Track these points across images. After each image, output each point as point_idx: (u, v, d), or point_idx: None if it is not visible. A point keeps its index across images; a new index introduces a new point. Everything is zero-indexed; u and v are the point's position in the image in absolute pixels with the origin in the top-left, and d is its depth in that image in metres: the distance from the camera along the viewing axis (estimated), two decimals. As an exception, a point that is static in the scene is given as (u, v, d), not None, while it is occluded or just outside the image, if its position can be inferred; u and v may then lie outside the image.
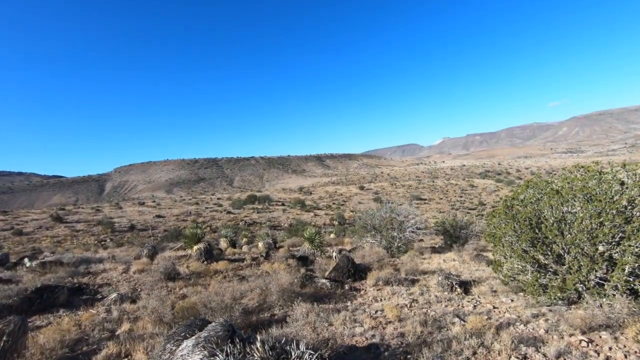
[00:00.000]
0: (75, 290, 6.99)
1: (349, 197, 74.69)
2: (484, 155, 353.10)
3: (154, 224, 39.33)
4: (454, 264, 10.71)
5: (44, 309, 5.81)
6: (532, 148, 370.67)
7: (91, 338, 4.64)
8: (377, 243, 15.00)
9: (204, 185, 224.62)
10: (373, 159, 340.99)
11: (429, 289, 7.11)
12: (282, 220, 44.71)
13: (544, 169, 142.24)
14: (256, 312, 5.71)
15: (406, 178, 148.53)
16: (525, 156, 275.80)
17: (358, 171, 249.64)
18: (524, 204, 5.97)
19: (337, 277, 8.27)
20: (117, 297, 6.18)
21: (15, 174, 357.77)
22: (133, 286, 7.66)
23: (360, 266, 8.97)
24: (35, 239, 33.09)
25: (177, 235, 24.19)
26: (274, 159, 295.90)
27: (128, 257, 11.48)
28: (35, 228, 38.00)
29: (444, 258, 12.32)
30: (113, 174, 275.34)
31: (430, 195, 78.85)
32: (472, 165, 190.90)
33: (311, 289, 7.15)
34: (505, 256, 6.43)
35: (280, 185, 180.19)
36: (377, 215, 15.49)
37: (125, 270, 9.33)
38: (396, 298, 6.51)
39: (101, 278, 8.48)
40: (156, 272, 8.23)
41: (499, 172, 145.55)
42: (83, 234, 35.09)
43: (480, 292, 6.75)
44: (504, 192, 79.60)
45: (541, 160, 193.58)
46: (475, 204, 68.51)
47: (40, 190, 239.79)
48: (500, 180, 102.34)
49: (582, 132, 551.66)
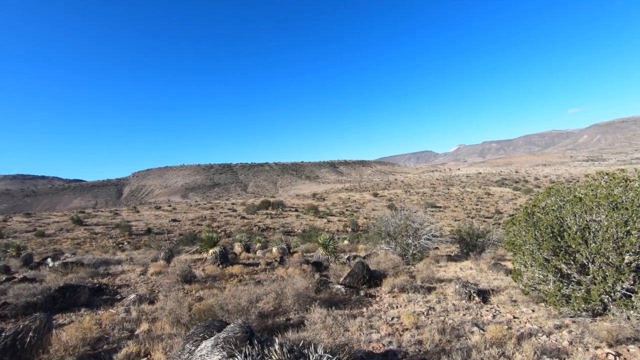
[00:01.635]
0: (95, 291, 7.16)
1: (362, 203, 74.30)
2: (500, 163, 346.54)
3: (170, 228, 39.98)
4: (471, 273, 10.50)
5: (67, 308, 5.96)
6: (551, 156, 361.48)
7: (111, 337, 4.74)
8: (391, 250, 14.85)
9: (218, 190, 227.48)
10: (387, 166, 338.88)
11: (446, 297, 6.98)
12: (296, 226, 44.79)
13: (564, 177, 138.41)
14: (272, 315, 5.72)
15: (420, 185, 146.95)
16: (544, 164, 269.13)
17: (371, 178, 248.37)
18: (545, 211, 5.83)
19: (352, 283, 8.21)
20: (135, 298, 6.29)
21: (39, 177, 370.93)
22: (151, 288, 7.79)
23: (375, 273, 8.89)
24: (56, 240, 34.09)
25: (193, 239, 24.51)
26: (287, 165, 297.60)
27: (145, 260, 11.69)
28: (56, 230, 39.16)
29: (461, 266, 12.09)
30: (131, 178, 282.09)
31: (446, 203, 77.68)
32: (489, 173, 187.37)
33: (326, 294, 7.11)
34: (525, 265, 6.27)
35: (294, 191, 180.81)
36: (391, 221, 15.36)
37: (143, 272, 9.50)
38: (412, 305, 6.41)
39: (120, 279, 8.66)
40: (173, 275, 8.35)
41: (516, 180, 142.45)
42: (102, 237, 35.95)
43: (499, 302, 6.59)
44: (521, 200, 77.75)
45: (560, 169, 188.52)
46: (492, 212, 67.10)
47: (62, 194, 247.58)
48: (517, 188, 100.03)
49: (604, 139, 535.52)
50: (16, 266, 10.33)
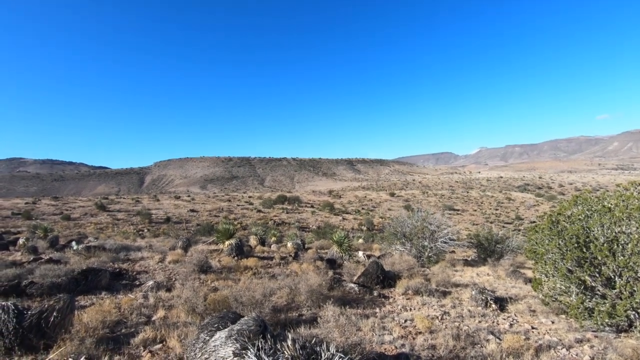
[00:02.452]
0: (116, 275, 7.40)
1: (378, 203, 73.76)
2: (523, 167, 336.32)
3: (188, 218, 40.87)
4: (488, 279, 10.25)
5: (88, 290, 6.19)
6: (577, 162, 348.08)
7: (129, 321, 4.88)
8: (406, 251, 14.68)
9: (236, 183, 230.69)
10: (405, 166, 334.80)
11: (462, 303, 6.85)
12: (311, 222, 44.92)
13: (591, 185, 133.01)
14: (284, 310, 5.76)
15: (439, 187, 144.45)
16: (570, 171, 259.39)
17: (389, 177, 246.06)
18: (571, 220, 5.60)
19: (365, 282, 8.17)
20: (153, 285, 6.47)
21: (66, 163, 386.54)
22: (168, 275, 7.98)
23: (389, 273, 8.81)
24: (81, 224, 35.42)
25: (210, 230, 24.97)
26: (305, 161, 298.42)
27: (164, 248, 11.99)
28: (81, 214, 40.68)
29: (478, 272, 11.83)
30: (153, 167, 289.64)
31: (464, 206, 76.12)
32: (510, 178, 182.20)
33: (339, 293, 7.10)
34: (546, 275, 6.07)
35: (310, 187, 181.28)
36: (408, 222, 15.17)
37: (161, 259, 9.74)
38: (426, 309, 6.32)
39: (139, 265, 8.91)
40: (190, 264, 8.52)
41: (539, 186, 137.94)
42: (123, 223, 37.12)
43: (517, 310, 6.41)
44: (544, 207, 75.28)
45: (587, 176, 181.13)
46: (512, 218, 65.30)
47: (87, 180, 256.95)
48: (540, 194, 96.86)
49: (635, 147, 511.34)
50: (43, 247, 10.80)
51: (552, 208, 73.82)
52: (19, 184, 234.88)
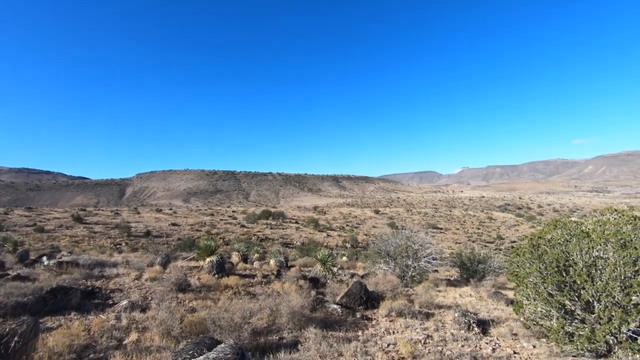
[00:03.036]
0: (88, 294, 7.03)
1: (363, 220, 73.84)
2: (504, 188, 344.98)
3: (168, 232, 39.81)
4: (471, 300, 10.27)
5: (57, 310, 5.84)
6: (555, 184, 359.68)
7: (99, 345, 4.60)
8: (390, 270, 14.62)
9: (220, 197, 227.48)
10: (390, 184, 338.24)
11: (445, 325, 6.79)
12: (295, 238, 44.45)
13: (568, 206, 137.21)
14: (264, 333, 5.56)
15: (422, 205, 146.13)
16: (548, 192, 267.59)
17: (374, 194, 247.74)
18: (551, 244, 5.69)
19: (348, 303, 8.03)
20: (127, 305, 6.16)
21: (44, 172, 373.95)
22: (144, 294, 7.65)
23: (373, 294, 8.70)
24: (55, 237, 33.95)
25: (191, 245, 24.34)
26: (290, 176, 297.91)
27: (141, 264, 11.56)
28: (56, 226, 39.06)
29: (460, 292, 11.85)
30: (134, 179, 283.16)
31: (447, 224, 76.98)
32: (492, 198, 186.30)
33: (322, 314, 6.95)
34: (527, 298, 6.10)
35: (295, 203, 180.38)
36: (392, 241, 15.18)
37: (138, 277, 9.37)
38: (409, 332, 6.23)
39: (114, 283, 8.53)
40: (168, 282, 8.21)
41: (519, 206, 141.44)
42: (100, 236, 35.79)
43: (499, 334, 6.39)
44: (524, 227, 76.93)
45: (564, 198, 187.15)
46: (493, 237, 66.35)
47: (65, 190, 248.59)
48: (520, 215, 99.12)
49: (609, 171, 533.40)
50: (11, 262, 10.23)
51: (532, 228, 75.52)
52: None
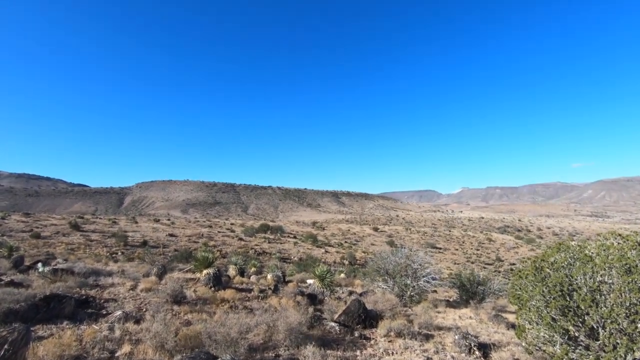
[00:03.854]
0: (81, 303, 6.89)
1: (362, 237, 73.38)
2: (503, 209, 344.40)
3: (165, 242, 39.45)
4: (471, 322, 10.08)
5: (49, 319, 5.70)
6: (554, 207, 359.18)
7: (90, 357, 4.46)
8: (389, 289, 14.41)
9: (219, 209, 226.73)
10: (389, 201, 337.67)
11: (445, 348, 6.63)
12: (293, 253, 44.04)
13: (567, 230, 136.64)
14: (261, 349, 5.42)
15: (422, 224, 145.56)
16: (547, 215, 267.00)
17: (373, 212, 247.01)
18: (554, 267, 5.62)
19: (346, 321, 7.87)
20: (121, 316, 6.03)
21: (43, 178, 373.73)
22: (139, 305, 7.51)
23: (371, 312, 8.54)
24: (51, 243, 33.60)
25: (187, 257, 24.07)
26: (290, 191, 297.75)
27: (137, 274, 11.40)
28: (52, 233, 38.73)
29: (460, 314, 11.64)
30: (134, 188, 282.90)
31: (446, 244, 76.44)
32: (491, 219, 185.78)
33: (319, 331, 6.79)
34: (530, 322, 5.98)
35: (294, 218, 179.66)
36: (391, 259, 15.02)
37: (133, 287, 9.22)
38: (409, 354, 6.07)
39: (108, 292, 8.38)
40: (163, 293, 8.07)
41: (518, 228, 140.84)
42: (97, 244, 35.45)
43: (500, 358, 6.23)
44: (523, 249, 76.40)
45: (564, 221, 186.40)
46: (493, 259, 65.80)
47: (64, 197, 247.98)
48: (520, 237, 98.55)
49: (608, 196, 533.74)
50: (5, 267, 10.07)
51: (531, 251, 74.95)
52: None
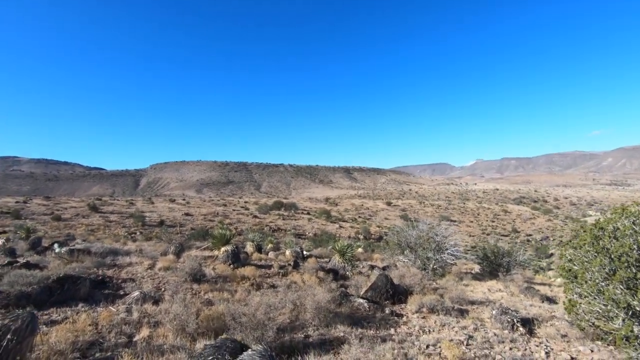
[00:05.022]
0: (98, 283, 6.62)
1: (375, 211, 73.08)
2: (519, 180, 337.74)
3: (182, 222, 39.88)
4: (503, 295, 9.57)
5: (64, 301, 5.41)
6: (572, 177, 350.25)
7: (106, 342, 4.11)
8: (410, 263, 13.99)
9: (232, 187, 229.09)
10: (402, 176, 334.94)
11: (484, 324, 6.14)
12: (307, 229, 44.09)
13: (585, 200, 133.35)
14: (288, 330, 5.02)
15: (435, 197, 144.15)
16: (565, 185, 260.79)
17: (385, 186, 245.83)
18: (618, 235, 4.95)
19: (374, 297, 7.45)
20: (139, 296, 5.70)
21: (61, 163, 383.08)
22: (157, 284, 7.21)
23: (399, 287, 8.09)
24: (71, 225, 34.28)
25: (204, 235, 24.11)
26: (302, 168, 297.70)
27: (155, 253, 11.19)
28: (72, 215, 39.53)
29: (488, 287, 11.15)
30: (149, 170, 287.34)
31: (460, 217, 75.63)
32: (506, 190, 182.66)
33: (347, 309, 6.37)
34: (583, 295, 5.40)
35: (307, 194, 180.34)
36: (413, 232, 14.50)
37: (151, 266, 8.97)
38: (447, 331, 5.60)
39: (126, 272, 8.13)
40: (182, 272, 7.77)
41: (534, 199, 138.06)
42: (115, 225, 36.03)
43: (547, 335, 5.71)
44: (540, 220, 75.09)
45: (582, 191, 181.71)
46: (508, 230, 64.96)
47: (82, 180, 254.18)
48: (536, 207, 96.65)
49: (629, 164, 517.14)
50: (22, 249, 9.96)
51: (548, 221, 73.57)
52: (12, 182, 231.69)
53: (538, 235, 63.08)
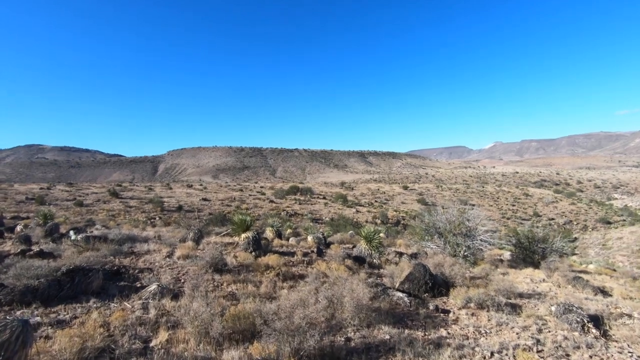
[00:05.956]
0: (113, 274, 6.12)
1: (391, 196, 71.92)
2: (539, 163, 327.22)
3: (200, 207, 39.97)
4: (550, 287, 8.69)
5: (74, 296, 4.90)
6: (596, 159, 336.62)
7: (118, 349, 3.52)
8: (440, 249, 13.19)
9: (248, 173, 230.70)
10: (417, 159, 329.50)
11: (547, 324, 5.33)
12: (324, 213, 43.62)
13: (611, 182, 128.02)
14: (326, 331, 4.36)
15: (452, 181, 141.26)
16: (588, 167, 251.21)
17: (401, 170, 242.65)
18: None
19: (411, 289, 6.72)
20: (156, 290, 5.14)
21: (83, 150, 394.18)
22: (176, 275, 6.68)
23: (437, 278, 7.33)
24: (93, 211, 34.76)
25: (222, 220, 23.85)
26: (316, 152, 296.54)
27: (173, 240, 10.75)
28: (94, 201, 40.14)
29: (529, 276, 10.26)
30: (166, 156, 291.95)
31: (479, 201, 73.70)
32: (526, 173, 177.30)
33: (385, 304, 5.67)
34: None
35: (322, 179, 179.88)
36: (442, 217, 13.63)
37: (170, 254, 8.48)
38: (507, 333, 4.83)
39: (143, 261, 7.64)
40: (202, 261, 7.21)
41: (556, 182, 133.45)
42: (135, 210, 36.37)
43: (625, 338, 4.88)
44: (563, 204, 72.47)
45: (607, 173, 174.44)
46: (530, 214, 62.92)
47: (103, 167, 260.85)
48: (559, 191, 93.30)
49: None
50: (38, 236, 9.65)
51: (572, 205, 70.83)
52: (37, 170, 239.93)
53: (561, 220, 60.94)
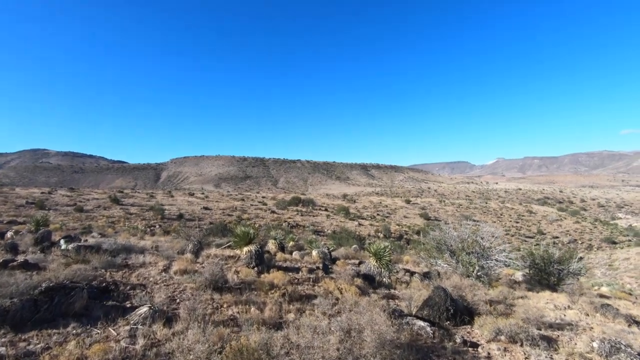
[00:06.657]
0: (100, 292, 5.47)
1: (394, 209, 71.11)
2: (542, 180, 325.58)
3: (200, 215, 39.33)
4: (576, 315, 7.97)
5: (51, 320, 4.24)
6: (599, 178, 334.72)
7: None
8: (452, 269, 12.48)
9: (250, 182, 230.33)
10: (420, 173, 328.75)
11: (592, 364, 4.65)
12: (326, 226, 42.87)
13: (615, 202, 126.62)
14: (342, 371, 3.71)
15: (455, 196, 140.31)
16: (591, 185, 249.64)
17: (403, 184, 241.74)
18: None
19: (431, 316, 6.05)
20: (147, 313, 4.51)
21: (87, 156, 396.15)
22: (171, 293, 6.04)
23: (458, 303, 6.65)
24: (92, 217, 34.16)
25: (223, 230, 23.17)
26: (319, 164, 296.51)
27: (171, 251, 10.11)
28: (94, 207, 39.58)
29: (550, 301, 9.52)
30: (169, 164, 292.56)
31: (483, 217, 72.75)
32: (529, 190, 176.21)
33: (406, 335, 4.99)
34: None
35: (324, 191, 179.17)
36: (454, 234, 12.96)
37: (166, 267, 7.85)
38: (551, 376, 4.16)
39: (137, 275, 7.01)
40: (200, 277, 6.58)
41: (559, 200, 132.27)
42: (135, 217, 35.76)
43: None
44: (567, 222, 71.43)
45: (611, 192, 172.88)
46: (534, 232, 61.92)
47: (106, 173, 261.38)
48: (563, 209, 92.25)
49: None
50: (27, 244, 9.04)
51: (576, 224, 69.65)
52: (41, 174, 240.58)
53: (565, 238, 59.85)
